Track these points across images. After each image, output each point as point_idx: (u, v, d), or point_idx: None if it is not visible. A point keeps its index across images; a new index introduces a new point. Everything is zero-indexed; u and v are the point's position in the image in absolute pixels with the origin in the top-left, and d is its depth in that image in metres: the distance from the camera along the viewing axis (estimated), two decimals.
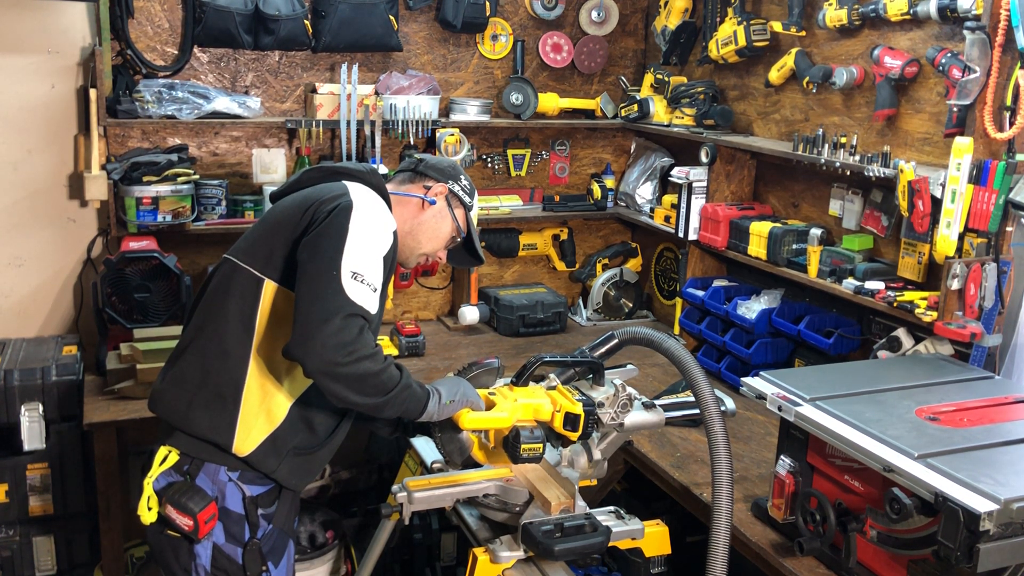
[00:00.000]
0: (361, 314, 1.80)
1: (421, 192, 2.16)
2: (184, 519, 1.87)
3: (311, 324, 1.77)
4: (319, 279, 1.81)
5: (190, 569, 1.94)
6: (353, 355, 1.77)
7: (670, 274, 3.92)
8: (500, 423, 1.99)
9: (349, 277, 1.81)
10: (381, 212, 1.97)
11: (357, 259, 1.84)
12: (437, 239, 2.18)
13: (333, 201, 1.92)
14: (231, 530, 1.94)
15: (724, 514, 1.98)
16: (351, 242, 1.85)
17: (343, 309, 1.78)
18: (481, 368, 2.18)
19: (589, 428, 2.00)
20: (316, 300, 1.79)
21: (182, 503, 1.87)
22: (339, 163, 2.15)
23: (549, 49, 3.85)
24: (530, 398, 2.00)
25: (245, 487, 1.94)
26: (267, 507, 1.98)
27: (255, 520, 1.96)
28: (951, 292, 2.33)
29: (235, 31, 3.20)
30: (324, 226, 1.87)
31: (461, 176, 2.22)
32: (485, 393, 2.07)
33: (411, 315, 3.89)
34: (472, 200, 2.23)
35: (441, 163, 2.22)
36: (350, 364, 1.77)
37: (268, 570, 1.99)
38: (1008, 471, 1.70)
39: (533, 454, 1.95)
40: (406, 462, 2.64)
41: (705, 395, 2.02)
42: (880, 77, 2.68)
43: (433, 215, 2.16)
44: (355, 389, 1.81)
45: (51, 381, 2.87)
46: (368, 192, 2.00)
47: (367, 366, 1.79)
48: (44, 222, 3.31)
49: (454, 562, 3.45)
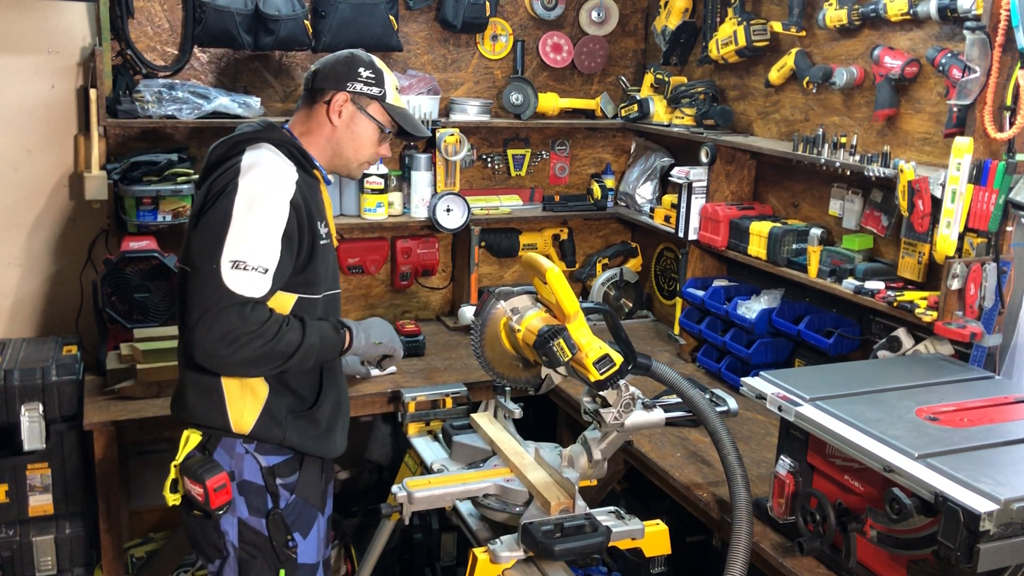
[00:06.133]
0: (240, 302, 1.83)
1: (323, 111, 2.08)
2: (196, 487, 1.93)
3: (192, 321, 1.83)
4: (199, 274, 1.86)
5: (221, 547, 2.00)
6: (236, 343, 1.82)
7: (670, 274, 3.92)
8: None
9: (229, 268, 1.83)
10: (273, 183, 1.92)
11: (239, 247, 1.84)
12: (363, 146, 2.12)
13: (220, 183, 1.92)
14: (252, 502, 1.99)
15: (744, 535, 2.03)
16: (233, 230, 1.85)
17: (221, 301, 1.81)
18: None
19: (613, 379, 1.98)
20: (196, 296, 1.85)
21: (193, 471, 1.95)
22: (238, 132, 2.06)
23: (549, 49, 3.85)
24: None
25: (261, 458, 2.00)
26: (287, 477, 2.03)
27: (274, 490, 2.01)
28: (951, 292, 2.33)
29: (235, 31, 3.20)
30: (208, 216, 1.89)
31: (359, 68, 2.08)
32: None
33: (411, 315, 3.89)
34: (382, 87, 2.10)
35: (334, 66, 2.09)
36: (235, 352, 1.82)
37: (295, 540, 2.02)
38: (1008, 471, 1.70)
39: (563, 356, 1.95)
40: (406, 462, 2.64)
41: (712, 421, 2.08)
42: (880, 77, 2.68)
43: (344, 127, 2.09)
44: (252, 368, 1.90)
45: (51, 381, 2.87)
46: (266, 155, 1.97)
47: (254, 347, 1.84)
48: (44, 222, 3.31)
49: (454, 562, 3.45)
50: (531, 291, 2.14)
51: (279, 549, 2.00)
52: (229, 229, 1.85)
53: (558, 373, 2.06)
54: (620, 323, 2.08)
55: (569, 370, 2.02)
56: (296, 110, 2.14)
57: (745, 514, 2.03)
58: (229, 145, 2.01)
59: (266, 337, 1.85)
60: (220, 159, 2.01)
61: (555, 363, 1.95)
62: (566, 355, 1.94)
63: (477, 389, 3.01)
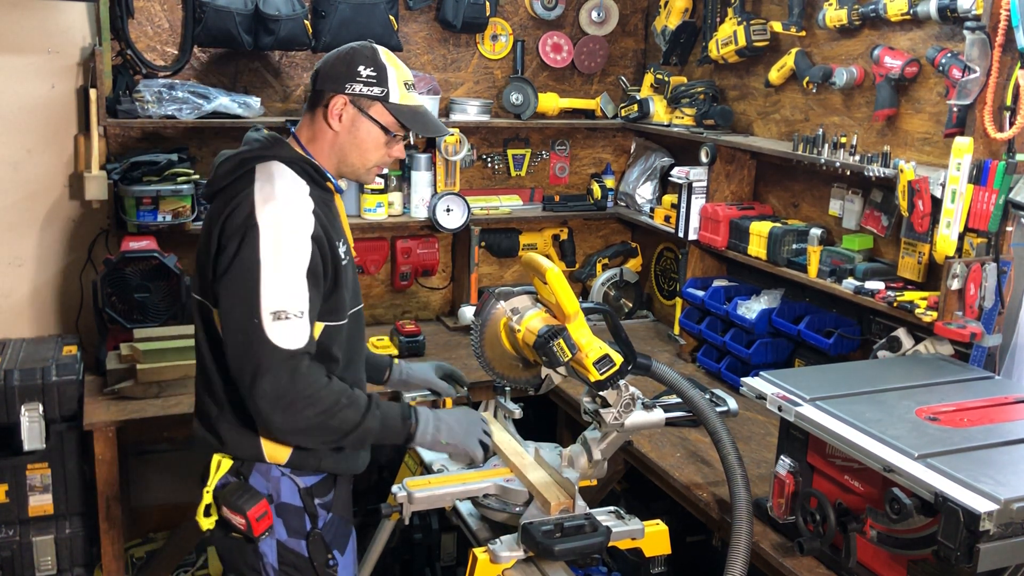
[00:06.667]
0: (287, 356, 1.75)
1: (323, 116, 1.93)
2: (237, 518, 1.88)
3: (246, 385, 1.76)
4: (241, 330, 1.76)
5: (259, 569, 1.94)
6: (291, 408, 1.75)
7: (670, 274, 3.92)
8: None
9: (271, 321, 1.74)
10: (294, 219, 1.81)
11: (275, 295, 1.75)
12: (368, 151, 1.96)
13: (237, 219, 1.79)
14: (291, 524, 1.94)
15: (744, 537, 2.02)
16: (265, 278, 1.75)
17: (270, 358, 1.73)
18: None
19: (613, 379, 1.97)
20: (243, 356, 1.76)
21: (233, 502, 1.87)
22: (244, 147, 1.93)
23: (549, 49, 3.85)
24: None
25: (298, 479, 1.95)
26: (324, 496, 1.98)
27: (313, 510, 1.96)
28: (951, 292, 2.33)
29: (235, 31, 3.20)
30: (235, 264, 1.78)
31: (358, 66, 1.90)
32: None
33: (411, 315, 3.89)
34: (384, 85, 1.91)
35: (334, 64, 1.93)
36: (289, 419, 1.76)
37: (335, 559, 1.99)
38: (1008, 471, 1.70)
39: (563, 356, 1.93)
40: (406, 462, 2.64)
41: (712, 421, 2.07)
42: (880, 77, 2.68)
43: (346, 132, 1.93)
44: (305, 437, 1.83)
45: (51, 381, 2.87)
46: (279, 181, 1.85)
47: (307, 415, 1.77)
48: (44, 222, 3.31)
49: (454, 562, 3.45)
50: (531, 291, 2.14)
51: (320, 569, 1.96)
52: (261, 279, 1.75)
53: (558, 373, 2.06)
54: (620, 323, 2.08)
55: (569, 370, 2.02)
56: (302, 112, 2.03)
57: (745, 514, 2.03)
58: (236, 163, 1.89)
59: (320, 406, 1.78)
60: (228, 179, 1.89)
61: (555, 363, 1.95)
62: (566, 355, 1.93)
63: (477, 389, 3.00)
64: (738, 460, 2.07)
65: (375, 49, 1.95)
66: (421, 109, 1.98)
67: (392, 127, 1.94)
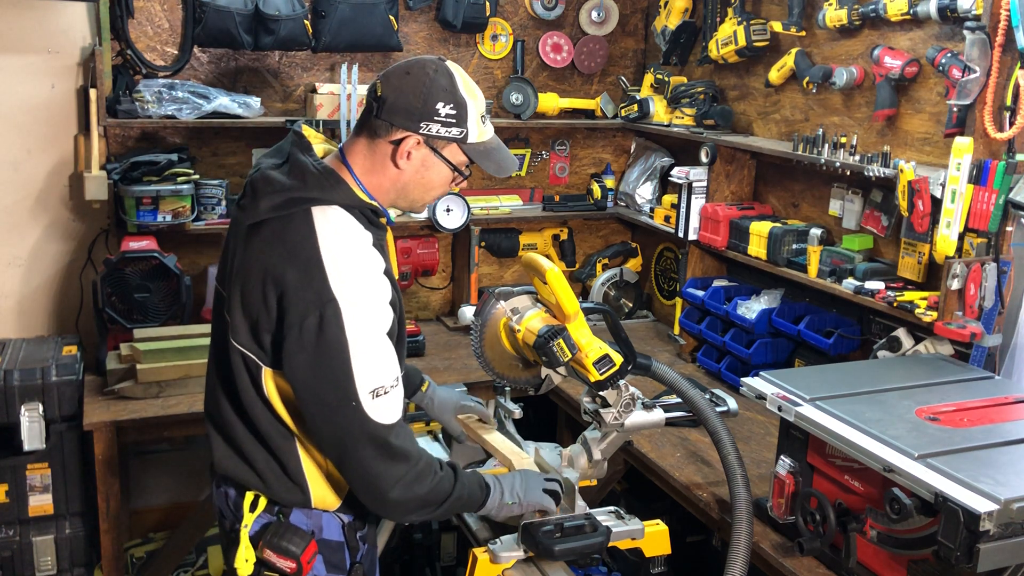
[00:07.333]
0: (388, 431, 1.66)
1: (388, 152, 1.72)
2: (286, 562, 1.75)
3: (347, 468, 1.69)
4: (338, 413, 1.64)
5: None
6: (391, 489, 1.68)
7: (670, 274, 3.92)
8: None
9: (371, 399, 1.63)
10: (369, 279, 1.67)
11: (370, 373, 1.63)
12: (433, 188, 1.79)
13: (309, 292, 1.62)
14: (331, 560, 1.83)
15: (744, 538, 2.01)
16: (356, 358, 1.62)
17: (374, 439, 1.65)
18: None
19: (613, 379, 1.97)
20: (344, 438, 1.65)
21: (281, 546, 1.76)
22: (295, 179, 1.70)
23: (549, 49, 3.85)
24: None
25: (343, 516, 1.84)
26: (363, 528, 1.90)
27: (355, 544, 1.87)
28: (951, 292, 2.33)
29: (235, 31, 3.20)
30: (320, 345, 1.62)
31: (437, 104, 1.68)
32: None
33: (411, 315, 3.89)
34: (463, 126, 1.71)
35: (408, 97, 1.68)
36: (394, 498, 1.69)
37: None
38: (1008, 471, 1.70)
39: (563, 356, 1.93)
40: None
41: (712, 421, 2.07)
42: (880, 77, 2.68)
43: (414, 172, 1.74)
44: (403, 514, 1.81)
45: (51, 381, 2.87)
46: (345, 232, 1.68)
47: (404, 493, 1.70)
48: (44, 222, 3.31)
49: (454, 562, 3.45)
50: (531, 291, 2.14)
51: None
52: (352, 360, 1.61)
53: (558, 373, 2.06)
54: (620, 323, 2.08)
55: (569, 370, 2.02)
56: (355, 133, 1.77)
57: (745, 514, 2.03)
58: (286, 200, 1.68)
59: (414, 485, 1.71)
60: (276, 214, 1.69)
61: (555, 363, 1.95)
62: (566, 355, 1.93)
63: (477, 389, 3.00)
64: (738, 460, 2.07)
65: (452, 77, 1.71)
66: (494, 144, 1.81)
67: (463, 167, 1.78)
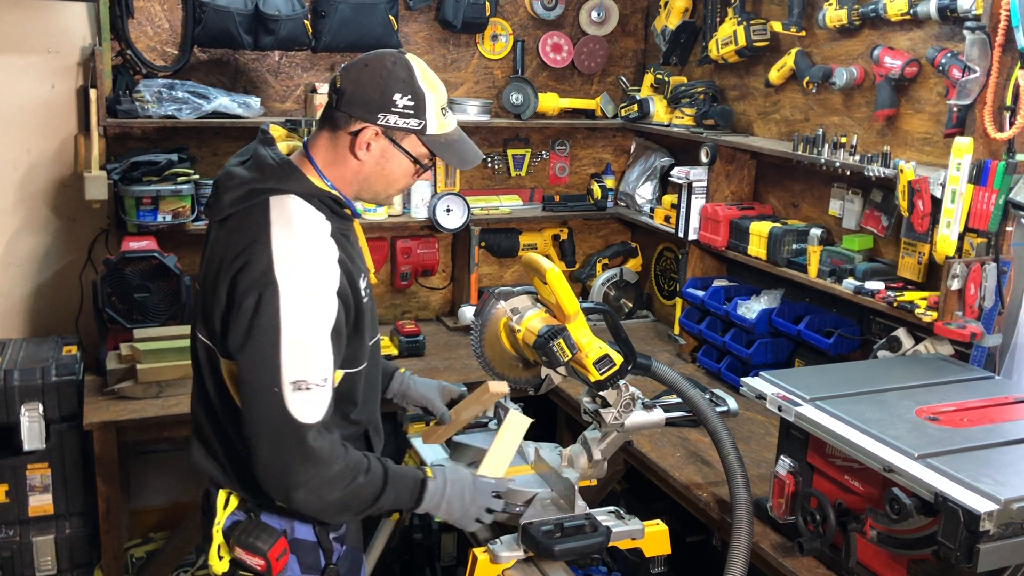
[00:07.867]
0: (305, 430, 1.63)
1: (348, 143, 1.73)
2: (255, 559, 1.77)
3: (259, 452, 1.66)
4: (259, 398, 1.63)
5: None
6: (296, 489, 1.65)
7: (670, 274, 3.92)
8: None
9: (291, 391, 1.62)
10: (315, 264, 1.66)
11: (297, 365, 1.62)
12: (395, 181, 1.80)
13: (252, 273, 1.63)
14: (305, 561, 1.84)
15: (744, 537, 2.01)
16: (286, 344, 1.61)
17: (285, 430, 1.63)
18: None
19: (613, 379, 1.96)
20: (258, 423, 1.64)
21: (250, 543, 1.77)
22: (252, 172, 1.71)
23: (549, 49, 3.85)
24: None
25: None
26: (338, 530, 1.90)
27: (328, 545, 1.87)
28: (951, 292, 2.33)
29: (235, 31, 3.20)
30: (254, 327, 1.62)
31: (395, 95, 1.69)
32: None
33: (411, 315, 3.89)
34: (421, 117, 1.72)
35: (365, 88, 1.70)
36: (299, 499, 1.66)
37: None
38: (1008, 471, 1.70)
39: (564, 356, 1.92)
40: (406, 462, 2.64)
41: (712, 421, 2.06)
42: (880, 77, 2.68)
43: (374, 163, 1.75)
44: (315, 514, 1.76)
45: (51, 381, 2.87)
46: (298, 223, 1.68)
47: (309, 496, 1.67)
48: (44, 222, 3.31)
49: (454, 562, 3.45)
50: (531, 291, 2.14)
51: None
52: (282, 346, 1.61)
53: (558, 373, 2.06)
54: (620, 323, 2.08)
55: (569, 370, 2.02)
56: (318, 127, 1.79)
57: (745, 514, 2.03)
58: (246, 192, 1.69)
59: (340, 487, 1.69)
60: (236, 207, 1.70)
61: (555, 363, 1.95)
62: (566, 355, 1.93)
63: None
64: (738, 460, 2.07)
65: (411, 69, 1.72)
66: (456, 136, 1.81)
67: (424, 158, 1.78)
